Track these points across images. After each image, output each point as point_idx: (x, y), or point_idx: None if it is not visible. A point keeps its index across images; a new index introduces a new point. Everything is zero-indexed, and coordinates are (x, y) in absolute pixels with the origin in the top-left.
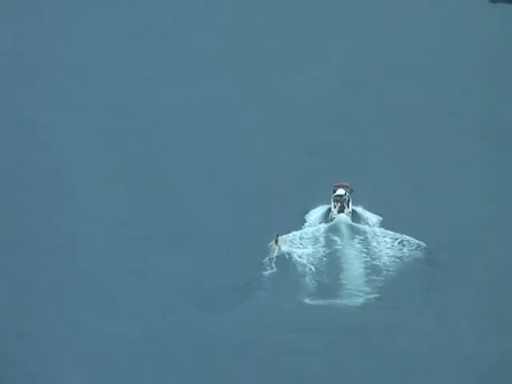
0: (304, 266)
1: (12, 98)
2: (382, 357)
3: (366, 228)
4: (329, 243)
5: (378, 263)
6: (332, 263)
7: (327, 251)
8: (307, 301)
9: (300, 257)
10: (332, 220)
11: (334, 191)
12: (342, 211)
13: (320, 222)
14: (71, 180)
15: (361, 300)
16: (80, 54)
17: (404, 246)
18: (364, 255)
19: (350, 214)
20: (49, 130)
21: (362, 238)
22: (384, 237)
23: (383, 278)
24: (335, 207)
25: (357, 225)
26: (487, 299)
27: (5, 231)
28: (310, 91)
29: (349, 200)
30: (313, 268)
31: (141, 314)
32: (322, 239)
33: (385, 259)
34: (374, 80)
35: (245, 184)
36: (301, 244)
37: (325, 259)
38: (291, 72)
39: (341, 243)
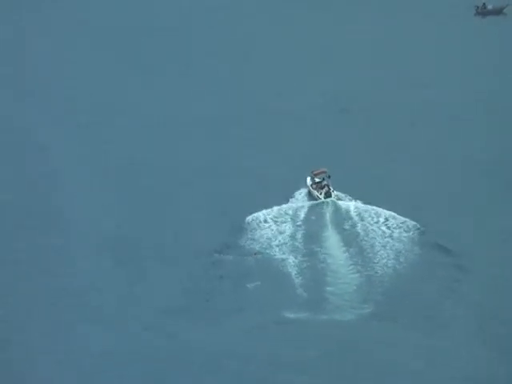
0: (289, 276)
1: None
2: (370, 373)
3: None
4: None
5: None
6: (321, 272)
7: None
8: (293, 314)
9: (285, 266)
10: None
11: (312, 178)
12: (330, 196)
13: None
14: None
15: (351, 314)
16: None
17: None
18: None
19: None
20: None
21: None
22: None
23: (379, 290)
24: (320, 194)
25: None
26: (487, 310)
27: None
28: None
29: (328, 186)
30: (299, 279)
31: (127, 329)
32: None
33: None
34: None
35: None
36: (293, 251)
37: (321, 265)
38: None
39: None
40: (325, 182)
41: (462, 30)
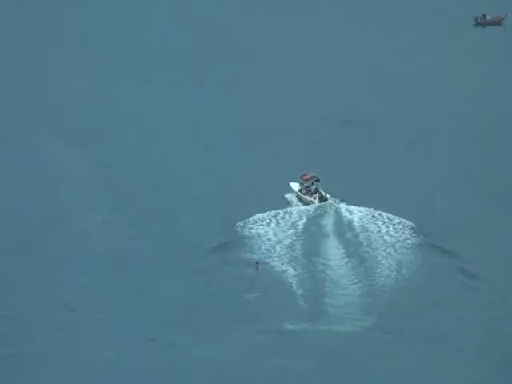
0: (289, 286)
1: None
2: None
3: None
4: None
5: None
6: (320, 283)
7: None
8: (294, 325)
9: (285, 276)
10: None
11: (301, 183)
12: (325, 199)
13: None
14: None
15: (352, 325)
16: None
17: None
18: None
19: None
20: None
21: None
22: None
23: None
24: (315, 198)
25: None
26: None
27: None
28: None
29: (318, 190)
30: (299, 290)
31: (129, 340)
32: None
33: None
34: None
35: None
36: (292, 261)
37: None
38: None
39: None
40: (314, 187)
41: (462, 40)
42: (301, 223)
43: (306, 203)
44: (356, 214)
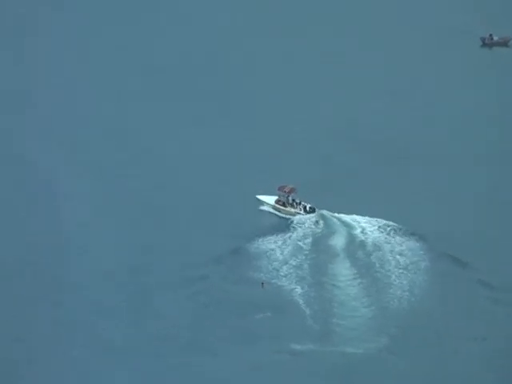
0: (298, 306)
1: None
2: None
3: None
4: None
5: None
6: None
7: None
8: (304, 346)
9: (294, 295)
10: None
11: (282, 195)
12: (313, 210)
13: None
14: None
15: (364, 347)
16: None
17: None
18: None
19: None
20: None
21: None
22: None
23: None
24: (300, 210)
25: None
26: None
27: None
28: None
29: (296, 201)
30: (307, 310)
31: (138, 358)
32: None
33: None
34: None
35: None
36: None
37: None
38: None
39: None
40: (291, 198)
41: (470, 61)
42: (308, 242)
43: (289, 214)
44: (361, 222)
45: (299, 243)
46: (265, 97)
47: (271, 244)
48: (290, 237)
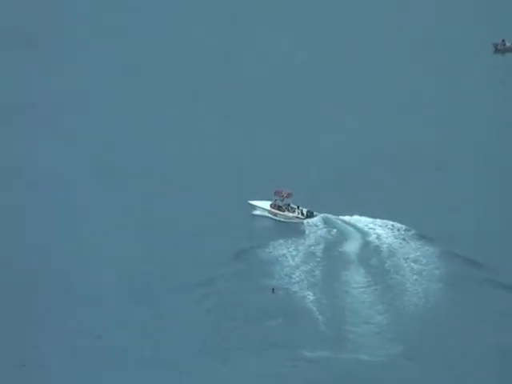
0: (311, 312)
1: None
2: None
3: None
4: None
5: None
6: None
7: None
8: (318, 353)
9: (306, 302)
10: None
11: (279, 199)
12: (312, 214)
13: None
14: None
15: (379, 354)
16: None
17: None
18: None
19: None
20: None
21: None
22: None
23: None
24: (298, 214)
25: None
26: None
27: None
28: None
29: (291, 205)
30: (320, 317)
31: (148, 366)
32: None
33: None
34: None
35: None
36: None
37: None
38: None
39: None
40: (285, 203)
41: (483, 68)
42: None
43: (287, 218)
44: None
45: (311, 248)
46: (265, 99)
47: (283, 249)
48: (302, 243)
